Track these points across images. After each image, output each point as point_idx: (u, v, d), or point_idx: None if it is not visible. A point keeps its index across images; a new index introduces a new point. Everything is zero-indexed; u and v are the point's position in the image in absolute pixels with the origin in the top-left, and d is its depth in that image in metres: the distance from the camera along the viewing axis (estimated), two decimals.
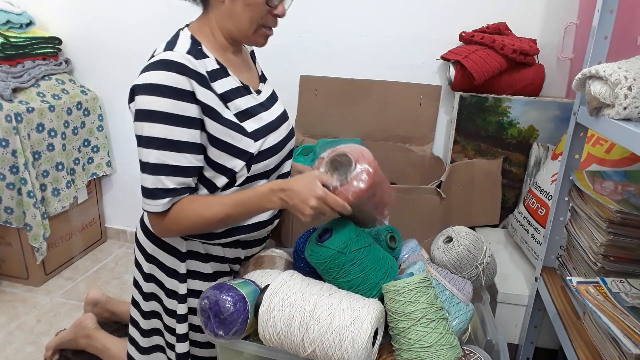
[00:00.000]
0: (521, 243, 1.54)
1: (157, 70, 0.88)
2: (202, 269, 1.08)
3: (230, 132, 0.95)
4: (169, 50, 0.92)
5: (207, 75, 0.93)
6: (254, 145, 0.98)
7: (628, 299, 0.91)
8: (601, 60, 1.04)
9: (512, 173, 1.75)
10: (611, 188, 1.10)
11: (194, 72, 0.90)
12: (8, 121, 1.80)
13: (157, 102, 0.88)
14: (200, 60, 0.93)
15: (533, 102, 1.67)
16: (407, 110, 1.87)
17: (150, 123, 0.88)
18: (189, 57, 0.90)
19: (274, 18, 0.99)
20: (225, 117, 0.95)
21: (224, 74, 0.99)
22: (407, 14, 1.85)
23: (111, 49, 2.19)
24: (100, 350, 1.55)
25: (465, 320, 0.97)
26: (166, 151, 0.89)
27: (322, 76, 1.92)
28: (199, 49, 0.96)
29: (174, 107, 0.88)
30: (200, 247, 1.07)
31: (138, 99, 0.89)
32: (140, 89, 0.89)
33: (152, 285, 1.11)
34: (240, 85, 1.02)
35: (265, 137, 1.02)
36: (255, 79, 1.12)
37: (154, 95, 0.87)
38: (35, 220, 1.92)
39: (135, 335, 1.18)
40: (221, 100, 0.95)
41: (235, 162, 0.97)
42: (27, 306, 1.94)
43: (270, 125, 1.05)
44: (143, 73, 0.90)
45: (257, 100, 1.06)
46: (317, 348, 0.83)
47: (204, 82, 0.92)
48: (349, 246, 0.91)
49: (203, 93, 0.91)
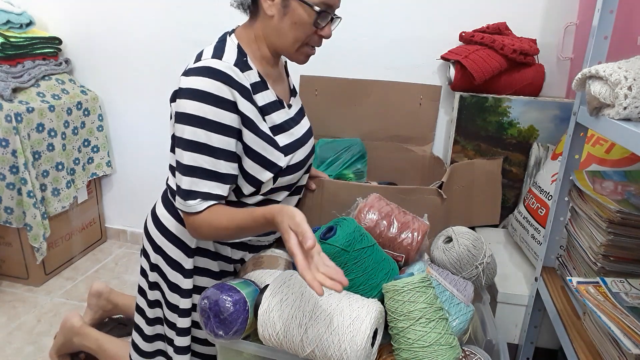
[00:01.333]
0: (521, 243, 1.54)
1: (203, 77, 0.90)
2: (211, 267, 1.10)
3: (264, 144, 0.97)
4: (217, 59, 0.93)
5: (250, 88, 0.94)
6: (284, 159, 1.00)
7: (628, 299, 0.91)
8: (601, 60, 1.04)
9: (512, 173, 1.75)
10: (611, 188, 1.10)
11: (239, 85, 0.92)
12: (8, 121, 1.80)
13: (200, 108, 0.89)
14: (245, 73, 0.95)
15: (533, 102, 1.67)
16: (407, 110, 1.87)
17: (190, 127, 0.90)
18: (235, 70, 0.92)
19: (319, 38, 1.00)
20: (262, 130, 0.97)
21: (264, 87, 1.00)
22: (407, 14, 1.85)
23: (111, 49, 2.19)
24: (95, 351, 1.51)
25: (466, 320, 0.97)
26: (203, 155, 0.91)
27: (322, 76, 1.92)
28: (245, 60, 0.98)
29: (215, 114, 0.90)
30: (210, 245, 1.08)
31: (181, 102, 0.91)
32: (185, 93, 0.90)
33: (156, 275, 1.13)
34: (276, 99, 1.03)
35: (295, 152, 1.04)
36: (287, 92, 1.14)
37: (198, 100, 0.89)
38: (35, 220, 1.92)
39: (140, 323, 1.19)
40: (260, 113, 0.97)
41: (264, 174, 0.99)
42: (27, 306, 1.94)
43: (300, 140, 1.07)
44: (189, 77, 0.91)
45: (289, 114, 1.08)
46: (317, 348, 0.83)
47: (247, 94, 0.94)
48: (353, 245, 0.92)
49: (244, 104, 0.93)
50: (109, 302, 1.70)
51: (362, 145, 1.79)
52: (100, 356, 1.52)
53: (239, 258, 1.15)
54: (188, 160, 0.92)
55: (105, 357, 1.49)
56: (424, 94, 1.85)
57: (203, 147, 0.91)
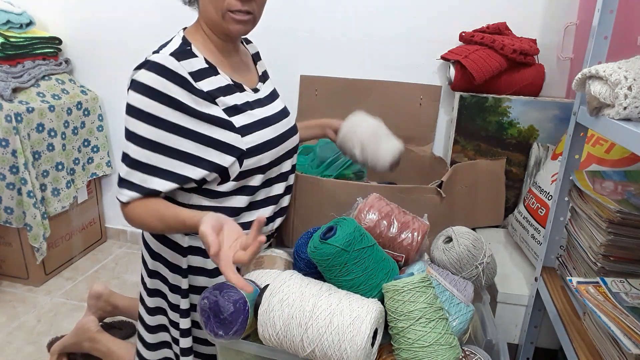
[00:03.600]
0: (521, 243, 1.54)
1: (142, 70, 0.93)
2: (205, 265, 1.09)
3: (213, 127, 0.98)
4: (156, 52, 0.96)
5: (191, 75, 0.96)
6: (242, 140, 1.00)
7: (628, 299, 0.91)
8: (601, 60, 1.04)
9: (512, 173, 1.75)
10: (611, 188, 1.10)
11: (172, 74, 0.94)
12: (8, 121, 1.80)
13: (139, 100, 0.92)
14: (185, 61, 0.96)
15: (533, 102, 1.67)
16: (407, 110, 1.87)
17: (131, 118, 0.93)
18: (170, 59, 0.94)
19: (234, 1, 0.97)
20: (208, 113, 0.97)
21: (213, 72, 1.02)
22: (407, 14, 1.85)
23: (111, 49, 2.20)
24: (104, 354, 1.54)
25: (466, 320, 0.97)
26: (139, 147, 0.94)
27: (322, 76, 1.92)
28: (188, 49, 1.00)
29: (149, 106, 0.92)
30: (201, 243, 1.08)
31: (129, 93, 0.94)
32: (131, 85, 0.94)
33: (156, 282, 1.13)
34: (230, 83, 1.04)
35: (257, 132, 1.03)
36: (253, 78, 1.15)
37: (137, 92, 0.92)
38: (35, 220, 1.92)
39: (141, 331, 1.19)
40: (207, 98, 0.98)
41: (225, 158, 0.99)
42: (27, 306, 1.94)
43: (264, 120, 1.07)
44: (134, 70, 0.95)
45: (252, 97, 1.08)
46: (317, 348, 0.83)
47: (183, 82, 0.95)
48: (353, 245, 0.91)
49: (180, 93, 0.94)
50: (109, 304, 1.70)
51: None
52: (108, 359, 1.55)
53: None
54: (127, 150, 0.95)
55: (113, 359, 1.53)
56: (424, 94, 1.85)
57: (139, 139, 0.93)
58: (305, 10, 1.91)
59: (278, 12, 1.90)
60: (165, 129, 0.94)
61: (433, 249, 1.13)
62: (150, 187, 0.95)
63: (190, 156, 0.97)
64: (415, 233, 1.05)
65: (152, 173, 0.95)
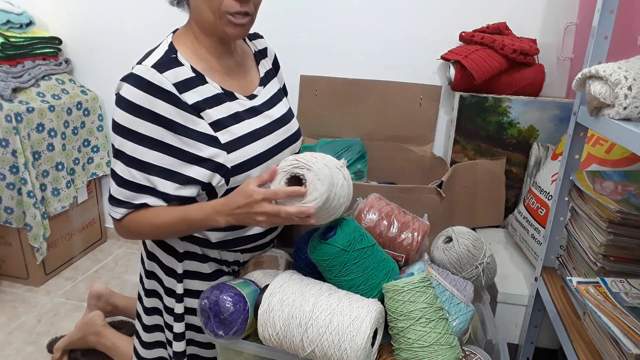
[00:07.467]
0: (521, 243, 1.54)
1: (124, 83, 0.90)
2: (201, 269, 1.08)
3: (198, 144, 0.93)
4: (138, 64, 0.92)
5: (176, 87, 0.91)
6: (226, 157, 0.95)
7: (628, 299, 0.91)
8: (601, 60, 1.04)
9: (512, 173, 1.75)
10: (611, 188, 1.10)
11: (156, 88, 0.89)
12: (8, 121, 1.80)
13: (123, 117, 0.90)
14: (170, 71, 0.92)
15: (533, 102, 1.67)
16: (407, 110, 1.87)
17: (117, 136, 0.92)
18: (152, 72, 0.89)
19: (233, 2, 0.92)
20: (193, 129, 0.93)
21: (200, 81, 0.96)
22: (407, 14, 1.85)
23: (111, 49, 2.19)
24: (109, 348, 1.56)
25: (466, 320, 0.97)
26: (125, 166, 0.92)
27: (322, 76, 1.92)
28: (173, 57, 0.95)
29: (134, 124, 0.89)
30: (197, 249, 1.07)
31: (115, 108, 0.92)
32: (116, 100, 0.92)
33: (153, 282, 1.12)
34: (219, 92, 0.98)
35: (244, 147, 0.98)
36: (250, 83, 1.08)
37: (122, 109, 0.90)
38: (35, 220, 1.92)
39: (139, 329, 1.19)
40: (192, 112, 0.93)
41: (209, 176, 0.95)
42: (27, 306, 1.94)
43: (253, 133, 1.01)
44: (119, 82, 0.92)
45: (244, 106, 1.02)
46: (317, 348, 0.83)
47: (167, 96, 0.90)
48: (353, 245, 0.91)
49: (165, 107, 0.90)
50: (109, 304, 1.70)
51: (362, 145, 1.80)
52: (113, 353, 1.56)
53: (232, 260, 1.12)
54: (115, 168, 0.93)
55: (118, 354, 1.54)
56: (424, 94, 1.85)
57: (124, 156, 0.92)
58: (305, 10, 1.91)
59: (278, 12, 1.91)
60: (150, 147, 0.91)
61: (433, 249, 1.13)
62: (140, 202, 0.94)
63: (175, 174, 0.93)
64: (415, 233, 1.05)
65: (139, 191, 0.93)
